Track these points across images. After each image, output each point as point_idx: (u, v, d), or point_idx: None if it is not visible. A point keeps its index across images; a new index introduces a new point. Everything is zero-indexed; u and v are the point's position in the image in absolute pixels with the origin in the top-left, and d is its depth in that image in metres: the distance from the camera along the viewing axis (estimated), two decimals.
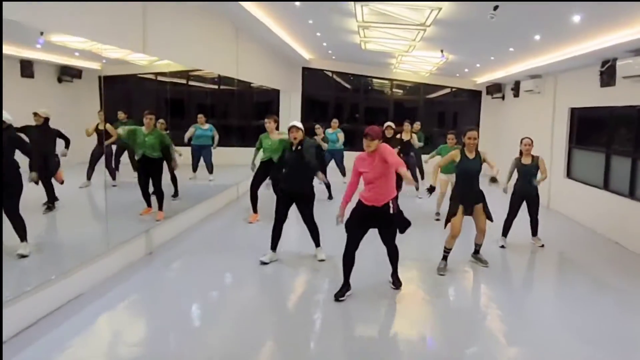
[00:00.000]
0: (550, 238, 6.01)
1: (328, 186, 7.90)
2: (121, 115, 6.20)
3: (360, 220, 3.94)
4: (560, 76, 8.19)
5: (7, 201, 3.82)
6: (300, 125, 4.79)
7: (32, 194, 4.73)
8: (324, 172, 7.97)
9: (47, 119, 4.59)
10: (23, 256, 3.91)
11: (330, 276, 4.47)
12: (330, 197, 7.96)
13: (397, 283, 4.24)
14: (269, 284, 4.47)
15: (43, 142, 4.58)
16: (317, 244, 4.95)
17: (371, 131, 3.79)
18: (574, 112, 7.91)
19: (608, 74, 6.31)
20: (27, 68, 4.85)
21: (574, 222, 7.35)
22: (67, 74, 5.46)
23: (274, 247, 4.84)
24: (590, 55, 6.22)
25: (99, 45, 4.95)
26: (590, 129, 7.67)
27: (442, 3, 5.25)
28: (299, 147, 4.70)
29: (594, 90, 6.76)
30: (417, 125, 9.49)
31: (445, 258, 4.78)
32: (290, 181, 4.74)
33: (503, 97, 11.47)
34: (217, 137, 8.08)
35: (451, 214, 4.68)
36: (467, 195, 4.65)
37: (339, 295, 3.93)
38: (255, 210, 6.55)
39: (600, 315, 3.90)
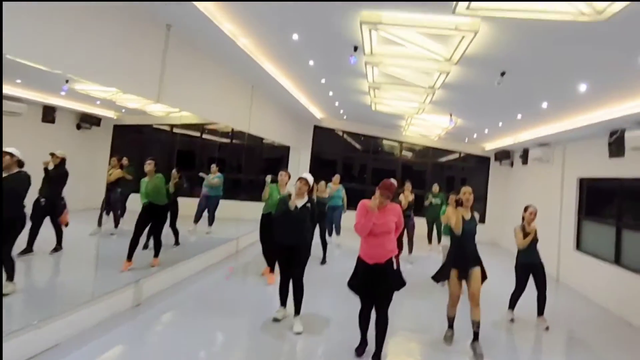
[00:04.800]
0: (560, 314, 5.67)
1: (324, 247, 7.63)
2: (125, 161, 6.39)
3: (365, 279, 3.78)
4: (569, 145, 8.17)
5: (6, 240, 3.81)
6: (310, 179, 4.67)
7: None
8: (325, 230, 7.84)
9: (63, 160, 4.71)
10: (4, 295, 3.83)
11: (327, 340, 4.25)
12: (323, 261, 7.49)
13: None
14: (261, 349, 4.13)
15: (55, 183, 4.69)
16: (297, 311, 4.51)
17: (390, 189, 3.74)
18: (582, 182, 7.80)
19: (617, 145, 6.25)
20: (49, 114, 5.09)
21: (584, 297, 6.99)
22: (87, 121, 5.67)
23: (283, 302, 4.72)
24: (598, 125, 6.19)
25: (119, 94, 5.16)
26: (600, 200, 7.51)
27: (451, 66, 5.34)
28: (307, 205, 4.60)
29: (603, 161, 6.68)
30: (435, 187, 9.69)
31: (451, 326, 4.54)
32: (286, 234, 4.56)
33: (512, 164, 11.45)
34: (221, 184, 8.08)
35: (442, 274, 4.60)
36: (461, 258, 4.43)
37: (360, 353, 3.92)
38: (270, 267, 6.11)
39: None
